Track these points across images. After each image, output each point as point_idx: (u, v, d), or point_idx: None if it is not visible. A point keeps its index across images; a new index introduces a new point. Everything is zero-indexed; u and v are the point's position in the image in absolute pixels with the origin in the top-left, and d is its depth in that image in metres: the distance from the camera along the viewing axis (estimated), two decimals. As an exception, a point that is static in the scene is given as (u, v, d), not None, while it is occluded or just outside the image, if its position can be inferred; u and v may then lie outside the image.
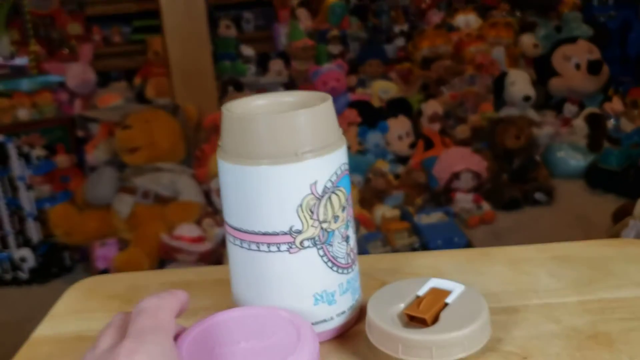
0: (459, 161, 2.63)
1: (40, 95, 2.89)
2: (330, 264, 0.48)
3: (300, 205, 0.46)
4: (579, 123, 2.98)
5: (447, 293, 0.48)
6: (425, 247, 2.15)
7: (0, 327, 1.83)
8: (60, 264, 2.27)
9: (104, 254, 2.12)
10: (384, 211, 2.38)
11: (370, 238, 2.19)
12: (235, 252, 0.49)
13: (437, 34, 3.14)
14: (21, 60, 2.93)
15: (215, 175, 2.29)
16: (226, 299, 0.56)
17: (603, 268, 0.57)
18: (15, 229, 2.29)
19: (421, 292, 0.49)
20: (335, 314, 0.49)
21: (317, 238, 0.47)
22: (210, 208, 2.27)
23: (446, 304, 0.47)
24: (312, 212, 0.46)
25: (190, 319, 0.54)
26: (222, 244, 2.06)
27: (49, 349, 0.51)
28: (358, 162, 2.66)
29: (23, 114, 2.86)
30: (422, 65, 3.14)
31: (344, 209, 0.48)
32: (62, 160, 2.66)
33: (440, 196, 2.59)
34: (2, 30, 2.93)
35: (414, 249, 2.13)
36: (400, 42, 3.32)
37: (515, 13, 3.38)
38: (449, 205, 2.53)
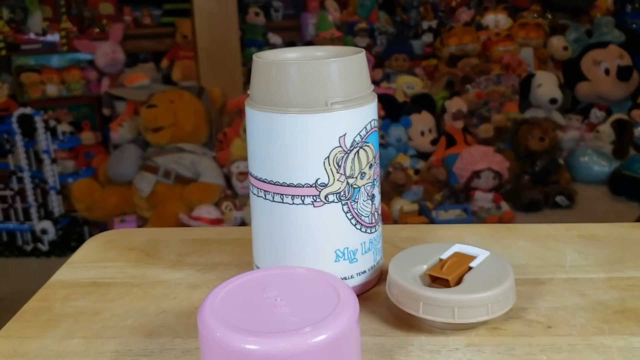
0: (480, 160, 2.61)
1: (69, 72, 2.92)
2: (354, 221, 0.47)
3: (328, 158, 0.45)
4: (605, 129, 2.94)
5: (471, 258, 0.47)
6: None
7: (18, 295, 1.85)
8: (80, 238, 2.29)
9: (130, 229, 2.13)
10: (403, 205, 2.37)
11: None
12: (258, 204, 0.48)
13: (466, 31, 3.11)
14: (52, 37, 2.95)
15: (236, 159, 2.29)
16: (245, 256, 0.56)
17: (632, 248, 0.55)
18: (38, 201, 2.31)
19: (445, 255, 0.48)
20: (356, 272, 0.48)
21: (342, 193, 0.46)
22: (230, 191, 2.28)
23: (470, 268, 0.46)
24: (338, 166, 0.45)
25: (208, 273, 0.54)
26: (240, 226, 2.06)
27: (66, 292, 0.51)
28: (379, 155, 2.64)
29: (52, 89, 2.88)
30: (448, 62, 3.11)
31: (371, 166, 0.47)
32: (87, 137, 2.68)
33: (459, 194, 2.57)
34: (35, 6, 2.95)
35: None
36: (427, 38, 3.29)
37: (546, 15, 3.34)
38: (467, 203, 2.51)
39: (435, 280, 0.46)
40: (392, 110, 2.81)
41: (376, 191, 0.49)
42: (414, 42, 3.29)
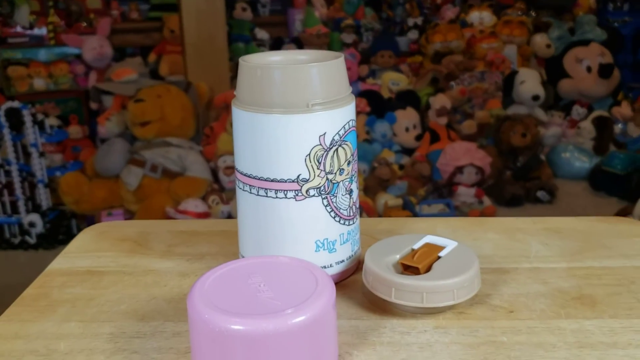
0: (463, 156, 2.66)
1: (56, 65, 2.93)
2: (333, 213, 0.51)
3: (309, 155, 0.48)
4: (587, 125, 3.00)
5: (440, 248, 0.51)
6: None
7: (5, 289, 1.87)
8: (68, 231, 2.31)
9: (122, 221, 2.16)
10: (387, 199, 2.41)
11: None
12: (243, 198, 0.52)
13: (450, 28, 3.15)
14: (39, 31, 2.96)
15: (222, 153, 2.32)
16: (231, 247, 0.60)
17: (594, 241, 0.60)
18: (26, 194, 2.33)
19: (416, 245, 0.52)
20: (335, 261, 0.52)
21: (322, 188, 0.50)
22: (217, 185, 2.30)
23: (439, 257, 0.50)
24: (319, 163, 0.49)
25: (197, 262, 0.57)
26: (226, 220, 2.09)
27: (62, 279, 0.54)
28: (364, 151, 2.69)
29: (39, 83, 2.89)
30: (433, 59, 3.15)
31: (349, 163, 0.51)
32: (75, 130, 2.70)
33: (442, 189, 2.61)
34: (22, 0, 2.96)
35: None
36: (413, 35, 3.33)
37: (530, 13, 3.39)
38: (450, 198, 2.56)
39: (407, 269, 0.49)
40: (377, 106, 2.85)
41: (354, 186, 0.52)
42: (399, 38, 3.33)
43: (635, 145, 2.90)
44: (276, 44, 3.15)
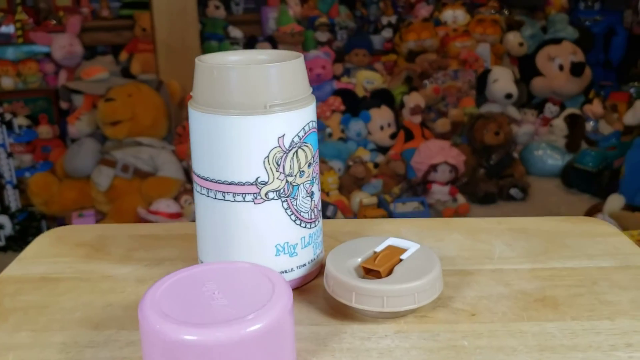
0: (437, 154, 2.66)
1: (25, 64, 2.87)
2: (293, 217, 0.50)
3: (267, 157, 0.47)
4: (559, 123, 3.03)
5: (402, 250, 0.50)
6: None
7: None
8: (37, 232, 2.27)
9: (81, 224, 2.12)
10: (362, 198, 2.41)
11: (346, 223, 2.21)
12: (201, 202, 0.50)
13: (424, 27, 3.16)
14: (7, 29, 2.90)
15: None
16: (191, 251, 0.58)
17: (558, 241, 0.59)
18: (-7, 196, 2.28)
19: (378, 248, 0.51)
20: (296, 265, 0.51)
21: (282, 191, 0.48)
22: (189, 185, 2.28)
23: (401, 260, 0.49)
24: (278, 165, 0.48)
25: (155, 267, 0.56)
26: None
27: (15, 287, 0.52)
28: (339, 149, 2.68)
29: (7, 82, 2.84)
30: (407, 57, 3.16)
31: (309, 165, 0.50)
32: (44, 130, 2.65)
33: (417, 187, 2.62)
34: (-12, -3, 2.90)
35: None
36: (387, 33, 3.34)
37: (503, 11, 3.41)
38: (425, 196, 2.57)
39: (369, 272, 0.49)
40: (352, 105, 2.84)
41: (315, 188, 0.51)
42: (373, 37, 3.33)
43: (607, 143, 2.93)
44: (250, 43, 3.13)
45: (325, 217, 1.59)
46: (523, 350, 0.43)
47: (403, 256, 0.49)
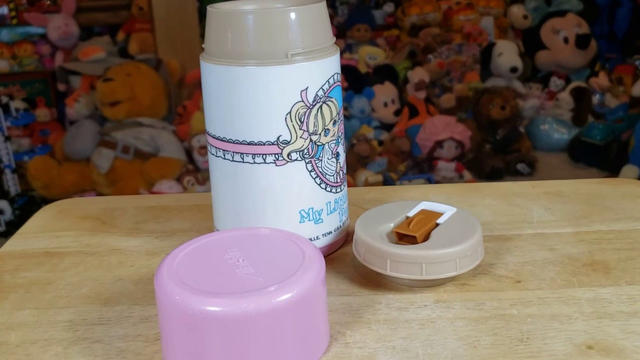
0: (442, 130, 2.61)
1: (20, 46, 2.81)
2: (318, 180, 0.45)
3: (289, 113, 0.43)
4: (565, 97, 2.98)
5: (438, 214, 0.46)
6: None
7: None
8: (36, 217, 2.23)
9: (84, 197, 2.08)
10: (367, 176, 2.37)
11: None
12: (217, 165, 0.46)
13: (427, 1, 3.09)
14: (0, 10, 2.83)
15: (197, 133, 2.25)
16: (206, 222, 0.54)
17: (599, 203, 0.55)
18: (-9, 180, 2.24)
19: (411, 213, 0.47)
20: (322, 233, 0.47)
21: (305, 151, 0.44)
22: (192, 166, 2.24)
23: (437, 225, 0.45)
24: (301, 122, 0.43)
25: (167, 239, 0.52)
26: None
27: (16, 263, 0.48)
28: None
29: (2, 65, 2.77)
30: (410, 32, 3.09)
31: (335, 122, 0.46)
32: (42, 113, 2.59)
33: (422, 164, 2.57)
34: (-20, -22, 2.83)
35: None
36: (389, 7, 3.27)
37: (506, -16, 3.34)
38: (430, 173, 2.52)
39: (402, 238, 0.44)
40: (355, 82, 2.79)
41: (341, 149, 0.47)
42: (375, 12, 3.26)
43: (614, 116, 2.88)
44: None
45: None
46: (579, 317, 0.39)
47: (439, 220, 0.45)
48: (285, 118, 0.43)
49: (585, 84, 3.06)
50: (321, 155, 0.45)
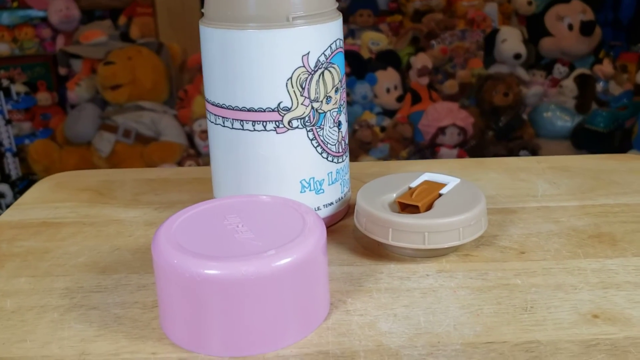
0: (445, 116, 2.60)
1: (21, 29, 2.79)
2: (319, 149, 0.45)
3: (290, 79, 0.42)
4: (569, 84, 2.96)
5: (441, 185, 0.45)
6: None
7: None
8: (37, 200, 2.23)
9: (83, 170, 2.08)
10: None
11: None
12: (216, 133, 0.45)
13: (431, -14, 3.07)
14: (0, -7, 2.82)
15: (198, 117, 2.24)
16: (205, 194, 0.53)
17: (605, 178, 0.54)
18: (-8, 163, 2.23)
19: (414, 184, 0.46)
20: (323, 204, 0.46)
21: (307, 118, 0.43)
22: (193, 150, 2.23)
23: (440, 195, 0.44)
24: (302, 88, 0.42)
25: (166, 211, 0.51)
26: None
27: (13, 233, 0.48)
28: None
29: (3, 48, 2.76)
30: (413, 18, 3.07)
31: (337, 90, 0.45)
32: (43, 97, 2.58)
33: (425, 150, 2.56)
34: (-19, -40, 2.81)
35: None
36: (392, -7, 3.24)
37: (510, -30, 3.31)
38: (433, 159, 2.51)
39: (405, 208, 0.44)
40: (357, 67, 2.77)
41: (342, 118, 0.46)
42: (378, -3, 3.24)
43: (618, 103, 2.87)
44: None
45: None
46: (584, 287, 0.38)
47: (442, 191, 0.44)
48: (286, 84, 0.42)
49: (590, 72, 3.04)
50: (323, 124, 0.44)
